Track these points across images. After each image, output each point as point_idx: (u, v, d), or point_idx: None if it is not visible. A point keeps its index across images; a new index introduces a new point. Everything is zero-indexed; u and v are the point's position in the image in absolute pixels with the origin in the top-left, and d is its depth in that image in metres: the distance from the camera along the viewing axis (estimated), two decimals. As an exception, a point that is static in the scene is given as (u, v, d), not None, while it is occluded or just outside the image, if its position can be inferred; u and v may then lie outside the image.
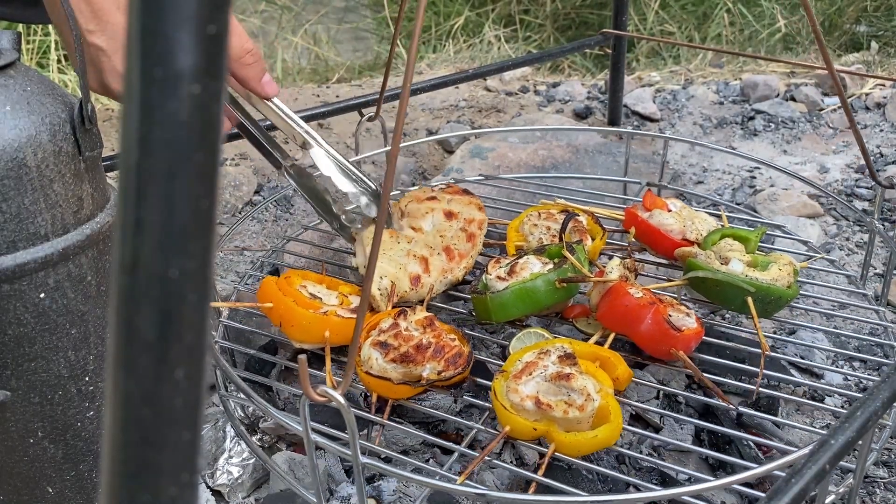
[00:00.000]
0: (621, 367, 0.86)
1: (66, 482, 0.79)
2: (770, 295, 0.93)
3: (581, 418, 0.77)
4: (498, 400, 0.80)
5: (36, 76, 0.72)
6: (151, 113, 0.25)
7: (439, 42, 3.11)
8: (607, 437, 0.77)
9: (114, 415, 0.27)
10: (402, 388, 0.85)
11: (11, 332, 0.70)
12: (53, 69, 2.35)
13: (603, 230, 1.11)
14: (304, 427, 0.71)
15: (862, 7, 2.95)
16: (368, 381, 0.86)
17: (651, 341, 0.89)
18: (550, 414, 0.77)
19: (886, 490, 0.94)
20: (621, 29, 1.76)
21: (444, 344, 0.86)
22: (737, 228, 1.07)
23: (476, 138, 1.70)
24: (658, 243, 1.08)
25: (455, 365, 0.85)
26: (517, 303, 0.93)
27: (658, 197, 1.14)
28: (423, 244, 1.07)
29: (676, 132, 1.91)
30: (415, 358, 0.84)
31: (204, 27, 0.24)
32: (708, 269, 0.96)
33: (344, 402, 0.62)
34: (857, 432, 0.63)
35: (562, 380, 0.78)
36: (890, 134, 1.83)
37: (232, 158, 1.73)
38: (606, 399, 0.80)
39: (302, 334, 0.92)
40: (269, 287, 0.94)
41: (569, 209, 1.13)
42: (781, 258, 0.98)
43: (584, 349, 0.88)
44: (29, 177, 0.67)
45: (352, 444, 0.69)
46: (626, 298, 0.90)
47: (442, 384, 0.86)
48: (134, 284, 0.26)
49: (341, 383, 0.62)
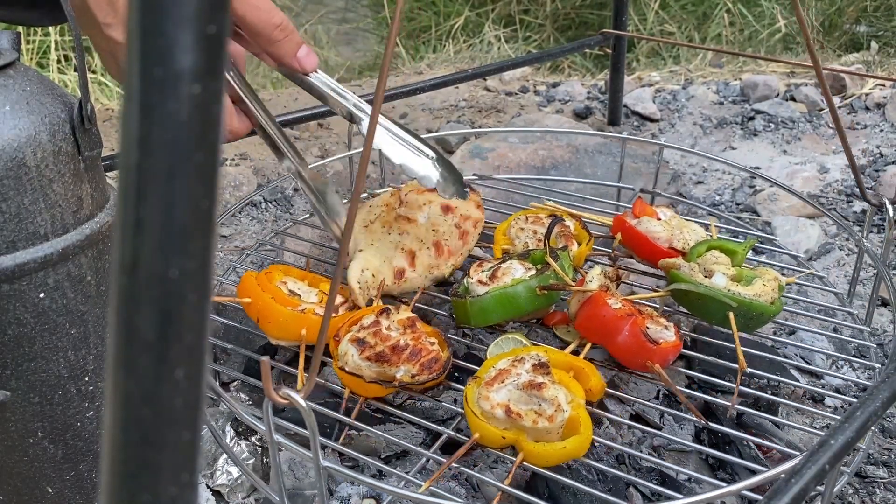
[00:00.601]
0: (594, 379, 0.85)
1: (65, 482, 0.79)
2: (752, 310, 0.91)
3: (550, 429, 0.76)
4: (469, 406, 0.79)
5: (36, 76, 0.72)
6: (151, 113, 0.25)
7: (439, 42, 3.11)
8: (576, 448, 0.76)
9: (114, 415, 0.27)
10: (373, 386, 0.84)
11: (11, 332, 0.70)
12: (53, 69, 2.35)
13: (589, 235, 1.10)
14: (267, 429, 0.71)
15: (862, 7, 2.95)
16: (342, 376, 0.86)
17: (627, 353, 0.88)
18: (520, 423, 0.76)
19: (886, 490, 0.94)
20: (621, 29, 1.76)
21: (422, 347, 0.85)
22: (725, 240, 1.06)
23: (476, 138, 1.70)
24: (644, 250, 1.07)
25: (430, 370, 0.84)
26: (497, 308, 0.92)
27: (648, 205, 1.14)
28: (414, 237, 1.05)
29: (676, 132, 1.91)
30: (389, 359, 0.83)
31: (204, 27, 0.24)
32: (690, 281, 0.94)
33: (304, 404, 0.62)
34: (857, 432, 0.63)
35: (533, 389, 0.77)
36: (890, 134, 1.83)
37: (232, 158, 1.73)
38: (577, 410, 0.79)
39: (278, 331, 0.91)
40: (248, 282, 0.93)
41: (556, 213, 1.12)
42: (767, 273, 0.97)
43: (560, 358, 0.87)
44: (28, 177, 0.67)
45: (312, 448, 0.69)
46: (604, 309, 0.88)
47: (416, 388, 0.85)
48: (134, 284, 0.26)
49: (304, 386, 0.62)
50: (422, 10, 3.35)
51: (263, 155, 1.76)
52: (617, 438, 0.92)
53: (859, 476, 0.96)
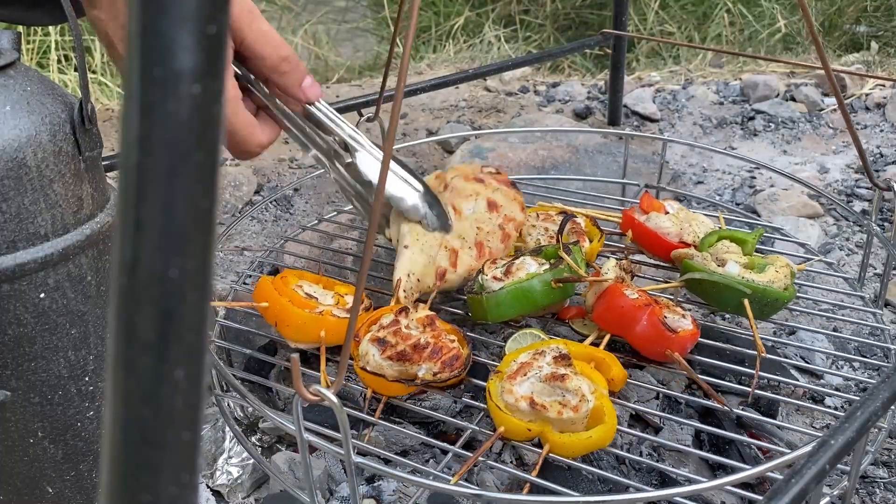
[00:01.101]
0: (616, 369, 0.86)
1: (66, 482, 0.79)
2: (766, 297, 0.93)
3: (575, 419, 0.77)
4: (492, 401, 0.80)
5: (36, 76, 0.72)
6: (151, 113, 0.25)
7: (439, 42, 3.11)
8: (601, 437, 0.77)
9: (114, 415, 0.27)
10: (396, 386, 0.85)
11: (11, 332, 0.70)
12: (53, 69, 2.35)
13: (601, 232, 1.11)
14: (297, 427, 0.71)
15: (862, 7, 2.95)
16: (364, 376, 0.86)
17: (646, 342, 0.88)
18: (545, 415, 0.77)
19: (886, 490, 0.94)
20: (621, 29, 1.76)
21: (443, 345, 0.86)
22: (734, 230, 1.07)
23: (476, 138, 1.70)
24: (655, 246, 1.07)
25: (451, 367, 0.85)
26: (513, 303, 0.92)
27: (655, 199, 1.14)
28: (457, 233, 1.02)
29: (676, 132, 1.91)
30: (411, 357, 0.84)
31: (204, 27, 0.24)
32: (704, 270, 0.95)
33: (336, 400, 0.62)
34: (857, 433, 0.63)
35: (556, 381, 0.78)
36: (890, 134, 1.83)
37: (232, 158, 1.73)
38: (601, 400, 0.80)
39: (297, 334, 0.91)
40: (265, 287, 0.94)
41: (567, 211, 1.13)
42: (778, 260, 0.98)
43: (580, 350, 0.88)
44: (29, 177, 0.67)
45: (344, 444, 0.69)
46: (621, 299, 0.89)
47: (437, 385, 0.86)
48: (134, 284, 0.26)
49: (334, 382, 0.62)
50: (422, 10, 3.35)
51: (263, 154, 1.76)
52: (616, 439, 0.92)
53: (859, 476, 0.96)
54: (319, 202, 1.60)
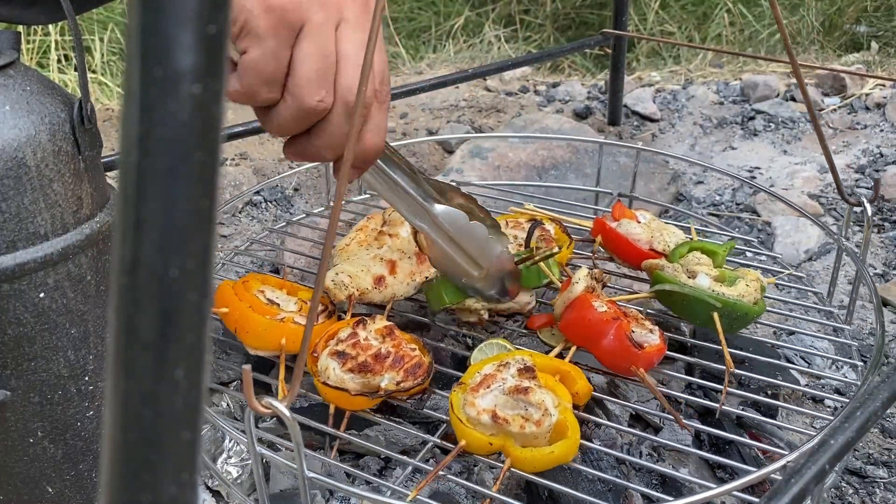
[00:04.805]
0: (581, 382, 0.84)
1: (65, 482, 0.79)
2: (736, 311, 0.91)
3: (538, 433, 0.76)
4: (455, 413, 0.78)
5: (35, 76, 0.72)
6: (151, 113, 0.25)
7: (439, 42, 3.11)
8: (564, 453, 0.76)
9: (114, 415, 0.27)
10: (360, 399, 0.83)
11: (11, 332, 0.70)
12: (53, 69, 2.35)
13: (570, 239, 1.10)
14: (248, 439, 0.70)
15: (862, 7, 2.95)
16: (325, 391, 0.84)
17: (612, 357, 0.87)
18: (507, 428, 0.76)
19: (886, 490, 0.94)
20: (621, 29, 1.76)
21: (404, 354, 0.84)
22: (705, 242, 1.05)
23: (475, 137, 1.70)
24: (625, 252, 1.06)
25: (414, 375, 0.83)
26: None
27: (627, 208, 1.14)
28: (396, 248, 1.03)
29: (676, 132, 1.91)
30: (373, 367, 0.82)
31: (204, 27, 0.24)
32: (675, 282, 0.94)
33: (288, 413, 0.61)
34: (857, 433, 0.63)
35: (520, 393, 0.77)
36: (890, 134, 1.83)
37: (232, 158, 1.73)
38: (564, 414, 0.78)
39: (257, 341, 0.89)
40: (225, 291, 0.91)
41: (536, 218, 1.12)
42: (749, 274, 0.97)
43: (545, 362, 0.86)
44: (28, 176, 0.67)
45: (297, 459, 0.68)
46: (589, 312, 0.88)
47: (400, 395, 0.84)
48: (134, 284, 0.26)
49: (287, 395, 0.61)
50: (422, 10, 3.35)
51: (263, 155, 1.76)
52: (617, 439, 0.92)
53: (859, 476, 0.96)
54: (319, 202, 1.60)
